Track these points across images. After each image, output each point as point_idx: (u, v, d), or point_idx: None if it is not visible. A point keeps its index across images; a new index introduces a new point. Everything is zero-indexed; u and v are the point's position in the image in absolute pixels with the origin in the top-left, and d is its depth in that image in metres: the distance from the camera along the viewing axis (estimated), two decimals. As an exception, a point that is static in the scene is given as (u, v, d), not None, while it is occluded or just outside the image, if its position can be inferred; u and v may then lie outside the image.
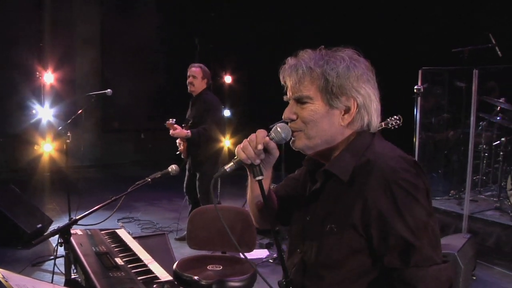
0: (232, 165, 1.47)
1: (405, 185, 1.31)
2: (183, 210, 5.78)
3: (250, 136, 1.46)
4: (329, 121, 1.44)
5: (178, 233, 5.72)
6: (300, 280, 1.49)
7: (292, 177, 1.74)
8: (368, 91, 1.43)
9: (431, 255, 1.31)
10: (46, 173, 8.47)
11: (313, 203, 1.51)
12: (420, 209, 1.32)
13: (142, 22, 10.15)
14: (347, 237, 1.37)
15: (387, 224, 1.31)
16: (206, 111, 5.12)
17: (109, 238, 2.85)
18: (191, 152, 5.20)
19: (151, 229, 5.95)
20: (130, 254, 2.59)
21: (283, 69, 1.49)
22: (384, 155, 1.40)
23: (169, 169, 2.62)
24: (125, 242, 2.80)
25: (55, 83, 8.81)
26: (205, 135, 5.03)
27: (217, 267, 3.13)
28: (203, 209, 3.45)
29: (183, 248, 5.15)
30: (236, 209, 3.40)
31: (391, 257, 1.33)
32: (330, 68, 1.40)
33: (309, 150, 1.50)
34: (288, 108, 1.49)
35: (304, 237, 1.51)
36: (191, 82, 5.17)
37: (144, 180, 2.48)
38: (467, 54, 5.43)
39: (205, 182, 5.25)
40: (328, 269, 1.41)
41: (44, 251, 4.91)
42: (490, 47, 5.30)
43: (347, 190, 1.40)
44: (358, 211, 1.35)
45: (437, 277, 1.31)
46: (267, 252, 5.11)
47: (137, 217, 6.44)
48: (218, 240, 3.30)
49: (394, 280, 1.34)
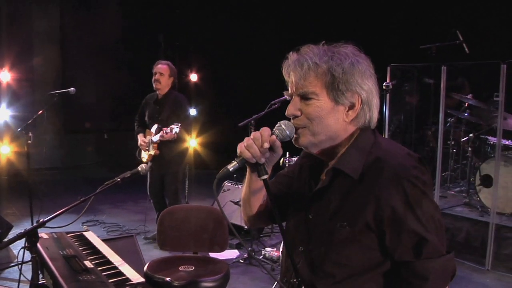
0: (236, 164, 1.44)
1: (415, 181, 1.37)
2: (150, 212, 5.75)
3: (253, 134, 1.45)
4: (334, 118, 1.46)
5: (146, 235, 5.69)
6: (307, 278, 1.49)
7: (284, 175, 1.74)
8: (371, 87, 1.47)
9: (440, 247, 1.39)
10: (4, 176, 8.25)
11: (318, 201, 1.52)
12: (429, 203, 1.39)
13: (104, 18, 9.98)
14: (359, 234, 1.40)
15: (400, 220, 1.37)
16: (179, 111, 5.11)
17: (76, 241, 2.82)
18: (162, 152, 5.16)
19: (118, 232, 5.90)
20: (100, 257, 2.57)
21: (287, 64, 1.49)
22: (393, 153, 1.44)
23: (139, 168, 2.62)
24: (93, 245, 2.78)
25: (12, 82, 8.57)
26: (181, 134, 5.00)
27: (189, 268, 3.14)
28: (173, 209, 3.45)
29: (151, 251, 5.15)
30: (207, 209, 3.42)
31: (403, 251, 1.39)
32: (336, 64, 1.42)
33: (313, 147, 1.51)
34: (291, 104, 1.49)
35: (308, 235, 1.52)
36: (158, 80, 5.12)
37: (113, 180, 2.46)
38: (435, 50, 5.58)
39: (174, 181, 5.23)
40: (339, 266, 1.43)
41: (3, 258, 4.77)
42: (458, 43, 5.47)
43: (358, 187, 1.43)
44: (371, 209, 1.38)
45: (445, 267, 1.40)
46: (237, 253, 5.14)
47: (102, 220, 6.35)
48: (189, 241, 3.31)
49: (404, 272, 1.40)
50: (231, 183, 6.23)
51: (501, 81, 4.73)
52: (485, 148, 5.70)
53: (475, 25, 5.86)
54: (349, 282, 1.43)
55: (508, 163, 5.11)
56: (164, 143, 5.05)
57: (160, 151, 5.14)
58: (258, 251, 5.11)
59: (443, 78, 5.29)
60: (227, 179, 5.97)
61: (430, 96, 6.08)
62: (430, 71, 5.69)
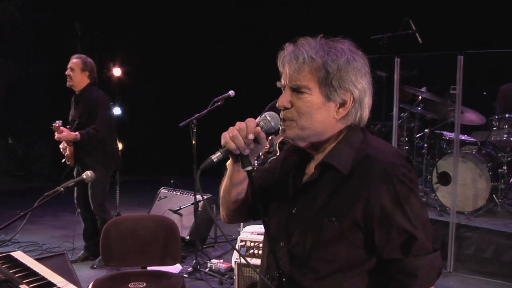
0: (220, 155, 1.52)
1: (404, 179, 1.48)
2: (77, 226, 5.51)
3: (237, 124, 1.53)
4: (323, 114, 1.55)
5: (73, 252, 5.45)
6: (289, 273, 1.58)
7: (265, 169, 1.81)
8: (364, 86, 1.56)
9: (427, 244, 1.51)
10: None
11: (304, 195, 1.61)
12: (416, 201, 1.51)
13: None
14: (347, 230, 1.50)
15: (390, 218, 1.47)
16: (94, 109, 4.96)
17: (4, 263, 2.64)
18: (80, 157, 4.98)
19: (37, 252, 5.60)
20: (39, 279, 2.43)
21: (282, 55, 1.57)
22: (383, 151, 1.55)
23: (84, 176, 2.62)
24: (27, 266, 2.62)
25: None
26: (96, 136, 4.87)
27: (140, 285, 3.06)
28: (119, 220, 3.34)
29: (81, 270, 4.94)
30: (157, 218, 3.37)
31: (392, 249, 1.49)
32: (331, 60, 1.50)
33: (300, 140, 1.60)
34: (283, 95, 1.58)
35: (291, 230, 1.61)
36: (69, 75, 5.01)
37: (55, 190, 2.43)
38: (387, 41, 5.81)
39: (99, 190, 5.06)
40: (325, 262, 1.53)
41: None
42: (411, 33, 5.73)
43: (347, 183, 1.52)
44: (361, 205, 1.48)
45: (433, 264, 1.52)
46: (180, 267, 5.06)
47: (16, 239, 5.96)
48: (138, 254, 3.23)
49: (393, 270, 1.51)
50: (168, 189, 6.14)
51: (458, 73, 4.99)
52: (441, 144, 5.99)
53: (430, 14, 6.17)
54: (333, 278, 1.53)
55: (466, 159, 5.41)
56: (81, 146, 4.89)
57: (78, 156, 4.96)
58: (203, 263, 5.06)
59: (396, 70, 5.50)
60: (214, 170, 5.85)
61: (382, 90, 6.31)
62: (382, 63, 5.91)
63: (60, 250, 5.53)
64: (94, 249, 5.28)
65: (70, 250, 5.51)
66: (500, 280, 4.75)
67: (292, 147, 1.73)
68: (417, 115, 6.37)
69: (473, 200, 5.43)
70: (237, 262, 3.93)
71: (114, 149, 5.29)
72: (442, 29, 6.83)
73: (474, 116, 5.61)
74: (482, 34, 6.83)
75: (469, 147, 5.68)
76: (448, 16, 6.93)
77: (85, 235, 5.36)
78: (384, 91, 6.01)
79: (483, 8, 7.11)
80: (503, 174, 5.42)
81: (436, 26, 6.64)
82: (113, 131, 5.25)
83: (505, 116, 5.47)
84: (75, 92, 5.12)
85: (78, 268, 5.02)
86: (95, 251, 5.26)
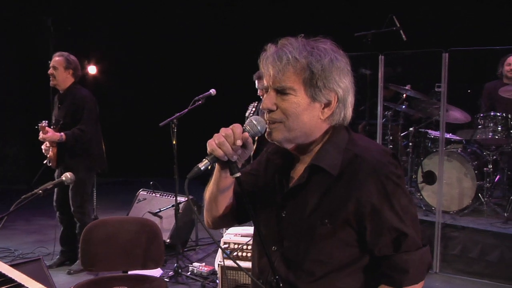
0: (207, 163, 1.54)
1: (393, 177, 1.56)
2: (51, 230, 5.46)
3: (223, 130, 1.56)
4: (309, 114, 1.58)
5: (49, 258, 5.38)
6: (285, 277, 1.63)
7: (248, 172, 1.83)
8: (348, 85, 1.61)
9: (417, 240, 1.59)
10: None
11: (293, 198, 1.65)
12: (404, 197, 1.59)
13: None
14: (340, 231, 1.57)
15: (380, 216, 1.55)
16: (79, 110, 4.92)
17: (-25, 271, 2.60)
18: (63, 158, 4.93)
19: (9, 258, 5.52)
20: (15, 286, 2.40)
21: (265, 57, 1.59)
22: (370, 149, 1.61)
23: (63, 177, 2.63)
24: (2, 273, 2.58)
25: None
26: (82, 137, 4.84)
27: (123, 290, 3.05)
28: (100, 223, 3.32)
29: (57, 276, 4.89)
30: (140, 220, 3.36)
31: (383, 246, 1.57)
32: (316, 60, 1.54)
33: (287, 143, 1.63)
34: (267, 97, 1.60)
35: (282, 233, 1.66)
36: (52, 74, 4.96)
37: (33, 193, 2.43)
38: (371, 38, 5.85)
39: (80, 192, 5.02)
40: (319, 263, 1.59)
41: None
42: (395, 30, 5.78)
43: (337, 184, 1.58)
44: (352, 205, 1.54)
45: (423, 259, 1.60)
46: (160, 271, 5.04)
47: (-16, 245, 5.91)
48: (119, 258, 3.21)
49: (384, 267, 1.59)
50: (146, 191, 6.12)
51: (443, 70, 5.07)
52: (426, 142, 6.07)
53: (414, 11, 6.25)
54: (328, 278, 1.60)
55: (451, 158, 5.50)
56: (65, 148, 4.85)
57: (61, 157, 4.91)
58: (184, 267, 5.05)
59: (380, 68, 5.57)
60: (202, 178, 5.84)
61: (366, 88, 6.36)
62: (366, 61, 5.96)
63: (34, 256, 5.46)
64: (71, 254, 5.22)
65: (45, 256, 5.45)
66: (486, 280, 4.83)
67: (275, 149, 1.75)
68: (402, 113, 6.45)
69: (459, 199, 5.51)
70: (221, 265, 3.94)
71: (99, 150, 5.25)
72: (426, 26, 6.93)
73: (459, 114, 5.69)
74: (466, 31, 6.96)
75: (454, 146, 5.77)
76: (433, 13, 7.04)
77: (62, 239, 5.29)
78: (368, 89, 6.05)
79: (468, 4, 7.24)
80: (488, 173, 5.51)
81: (420, 23, 6.72)
82: (99, 131, 5.22)
83: (490, 114, 5.57)
84: (58, 91, 5.07)
85: (54, 274, 4.97)
86: (71, 256, 5.21)
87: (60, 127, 4.88)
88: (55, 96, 5.27)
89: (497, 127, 5.48)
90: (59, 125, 4.92)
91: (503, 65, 5.88)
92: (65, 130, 4.83)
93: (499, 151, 5.63)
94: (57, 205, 5.19)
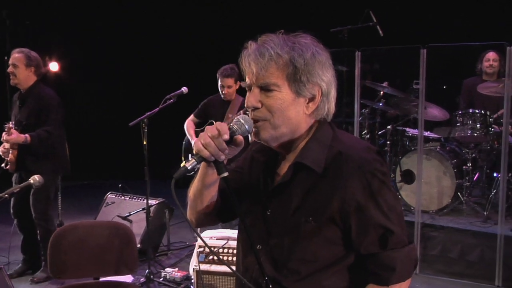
0: (194, 162, 1.57)
1: (378, 174, 1.60)
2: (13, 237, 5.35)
3: (209, 130, 1.58)
4: (294, 110, 1.63)
5: (9, 267, 5.29)
6: (271, 276, 1.67)
7: (233, 170, 1.86)
8: (330, 79, 1.66)
9: (403, 237, 1.65)
10: None
11: (277, 196, 1.70)
12: (390, 194, 1.64)
13: None
14: (325, 229, 1.62)
15: (366, 214, 1.60)
16: (44, 110, 4.84)
17: None
18: (24, 162, 4.84)
19: (-35, 268, 5.40)
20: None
21: (246, 54, 1.63)
22: (354, 146, 1.66)
23: (31, 180, 2.65)
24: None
25: None
26: (48, 139, 4.76)
27: (94, 298, 3.03)
28: (70, 227, 3.28)
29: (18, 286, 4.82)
30: (112, 224, 3.34)
31: (369, 244, 1.62)
32: (298, 55, 1.59)
33: (274, 141, 1.67)
34: (251, 95, 1.64)
35: (268, 232, 1.71)
36: (12, 72, 4.85)
37: None
38: (347, 34, 5.93)
39: (43, 198, 4.94)
40: (304, 262, 1.64)
41: None
42: (372, 25, 5.87)
43: (321, 181, 1.62)
44: (336, 203, 1.59)
45: (409, 256, 1.66)
46: (131, 277, 5.02)
47: None
48: (90, 264, 3.18)
49: (371, 265, 1.64)
50: (115, 194, 6.07)
51: (421, 67, 5.16)
52: (404, 141, 6.17)
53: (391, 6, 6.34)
54: (313, 277, 1.65)
55: (430, 156, 5.61)
56: (27, 150, 4.77)
57: (22, 161, 4.83)
58: (156, 273, 5.05)
59: (357, 64, 5.64)
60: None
61: (343, 85, 6.44)
62: (342, 57, 6.03)
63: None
64: (33, 262, 5.15)
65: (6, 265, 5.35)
66: (466, 280, 4.95)
67: (260, 147, 1.79)
68: (379, 111, 6.55)
69: (438, 198, 5.63)
70: (196, 269, 3.95)
71: (63, 152, 5.17)
72: (404, 21, 7.04)
73: (437, 111, 5.80)
74: (444, 27, 7.10)
75: (433, 144, 5.87)
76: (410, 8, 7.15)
77: (23, 247, 5.20)
78: (344, 86, 6.13)
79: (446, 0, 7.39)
80: (467, 171, 5.64)
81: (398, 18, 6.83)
82: (64, 133, 5.14)
83: (469, 111, 5.69)
84: (19, 89, 4.98)
85: (16, 284, 4.89)
86: (34, 264, 5.13)
87: (23, 129, 4.80)
88: (13, 94, 5.18)
89: (476, 124, 5.60)
90: (21, 126, 4.83)
91: (482, 61, 6.03)
92: (28, 131, 4.73)
93: (478, 149, 5.77)
94: (15, 211, 5.07)
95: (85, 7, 9.04)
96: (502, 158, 4.96)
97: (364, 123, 6.48)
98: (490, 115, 5.61)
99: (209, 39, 8.74)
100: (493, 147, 5.71)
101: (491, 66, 5.97)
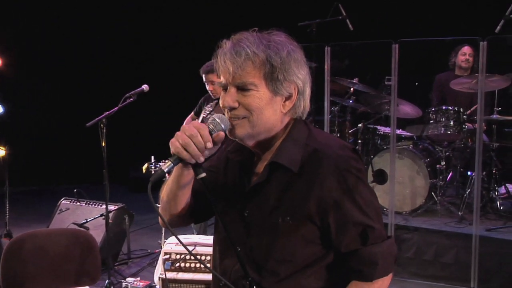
0: (171, 164, 1.60)
1: (354, 171, 1.67)
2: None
3: (186, 130, 1.60)
4: (272, 109, 1.69)
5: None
6: (252, 278, 1.72)
7: (208, 169, 1.84)
8: (306, 76, 1.73)
9: (383, 232, 1.72)
10: None
11: (254, 197, 1.75)
12: (366, 190, 1.71)
13: None
14: (303, 228, 1.68)
15: (343, 211, 1.66)
16: None
17: None
18: None
19: None
20: None
21: (222, 53, 1.67)
22: (330, 144, 1.73)
23: None
24: None
25: None
26: None
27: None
28: (26, 236, 3.22)
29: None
30: (72, 232, 3.32)
31: (349, 242, 1.68)
32: (274, 53, 1.64)
33: (250, 139, 1.72)
34: (228, 95, 1.68)
35: (246, 233, 1.76)
36: None
37: None
38: (316, 28, 5.98)
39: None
40: (283, 263, 1.70)
41: None
42: (341, 19, 5.93)
43: (297, 180, 1.68)
44: (313, 201, 1.65)
45: (390, 250, 1.74)
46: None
47: None
48: (48, 275, 3.15)
49: (353, 262, 1.71)
50: (70, 200, 5.98)
51: (393, 63, 5.25)
52: (375, 139, 6.25)
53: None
54: (293, 278, 1.70)
55: (402, 155, 5.70)
56: None
57: None
58: (117, 283, 4.98)
59: (327, 60, 5.70)
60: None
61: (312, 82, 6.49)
62: (311, 53, 6.07)
63: None
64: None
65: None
66: (441, 283, 5.06)
67: (235, 147, 1.84)
68: (349, 108, 6.62)
69: (411, 199, 5.74)
70: (162, 278, 3.93)
71: None
72: (375, 15, 7.13)
73: (409, 108, 5.90)
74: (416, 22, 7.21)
75: (405, 142, 5.97)
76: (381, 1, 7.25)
77: None
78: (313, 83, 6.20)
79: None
80: (441, 170, 5.76)
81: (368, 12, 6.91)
82: None
83: (442, 108, 5.80)
84: None
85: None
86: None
87: None
88: None
89: (449, 121, 5.71)
90: None
91: (457, 55, 6.14)
92: None
93: (452, 147, 5.88)
94: None
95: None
96: (476, 156, 5.08)
97: (334, 121, 6.55)
98: (463, 111, 5.72)
99: (172, 35, 8.70)
100: (466, 145, 5.82)
101: (467, 61, 6.10)
